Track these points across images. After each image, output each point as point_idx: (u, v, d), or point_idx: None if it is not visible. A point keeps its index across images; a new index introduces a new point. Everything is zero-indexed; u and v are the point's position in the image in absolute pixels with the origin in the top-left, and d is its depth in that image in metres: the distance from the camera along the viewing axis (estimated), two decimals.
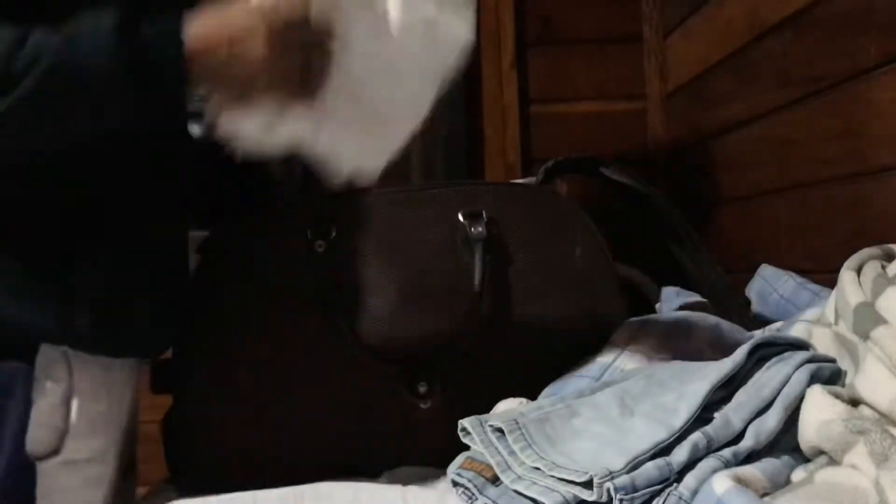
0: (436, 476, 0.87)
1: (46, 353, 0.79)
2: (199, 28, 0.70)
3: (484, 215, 0.95)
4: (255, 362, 0.90)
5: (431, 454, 0.89)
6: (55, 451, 0.80)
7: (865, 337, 0.61)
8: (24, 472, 0.79)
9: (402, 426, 0.90)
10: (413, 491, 0.81)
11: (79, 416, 0.81)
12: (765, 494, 0.56)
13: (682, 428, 0.63)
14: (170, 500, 0.89)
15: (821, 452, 0.60)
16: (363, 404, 0.90)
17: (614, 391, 0.73)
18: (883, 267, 0.67)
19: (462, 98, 1.68)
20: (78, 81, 0.69)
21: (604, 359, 0.90)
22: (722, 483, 0.51)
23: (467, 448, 0.73)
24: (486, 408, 0.89)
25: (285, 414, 0.89)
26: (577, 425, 0.69)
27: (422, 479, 0.87)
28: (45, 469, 0.80)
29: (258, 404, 0.89)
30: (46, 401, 0.79)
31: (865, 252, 0.69)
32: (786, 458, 0.61)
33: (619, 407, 0.69)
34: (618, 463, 0.60)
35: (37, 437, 0.79)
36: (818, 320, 0.73)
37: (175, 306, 0.90)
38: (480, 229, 0.94)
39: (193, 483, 0.89)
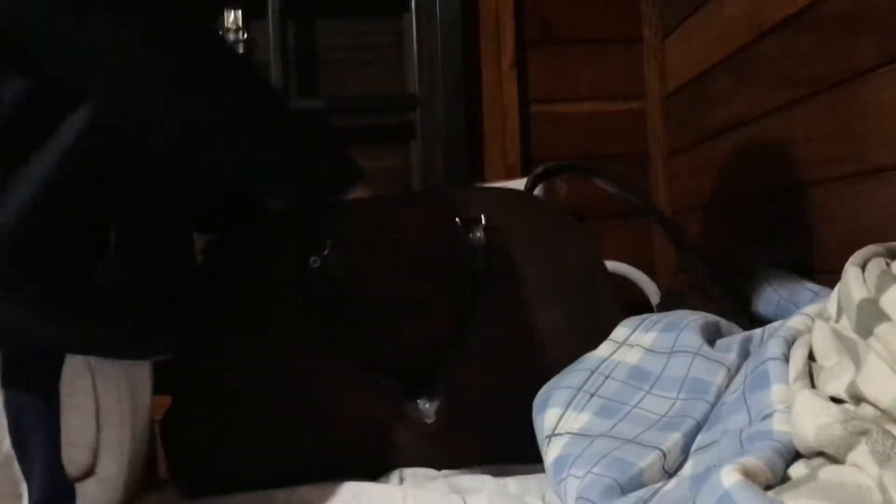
0: (436, 477, 0.87)
1: (72, 365, 0.75)
2: None
3: (482, 220, 0.95)
4: (255, 372, 0.90)
5: (432, 460, 0.89)
6: (90, 472, 0.76)
7: (868, 333, 0.61)
8: (62, 495, 0.74)
9: (403, 434, 0.90)
10: (413, 491, 0.81)
11: (107, 430, 0.77)
12: (768, 487, 0.56)
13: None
14: (170, 502, 0.89)
15: (820, 453, 0.60)
16: (363, 414, 0.90)
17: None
18: (887, 264, 0.67)
19: (462, 98, 1.68)
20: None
21: (601, 353, 0.90)
22: (730, 476, 0.51)
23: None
24: (487, 413, 0.89)
25: (284, 423, 0.89)
26: None
27: (422, 480, 0.87)
28: (83, 490, 0.76)
29: (257, 413, 0.89)
30: (77, 418, 0.75)
31: (870, 249, 0.69)
32: (778, 446, 0.61)
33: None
34: None
35: (73, 457, 0.75)
36: (819, 315, 0.73)
37: (185, 310, 0.87)
38: (479, 234, 0.94)
39: (193, 485, 0.89)
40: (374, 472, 0.89)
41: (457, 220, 0.95)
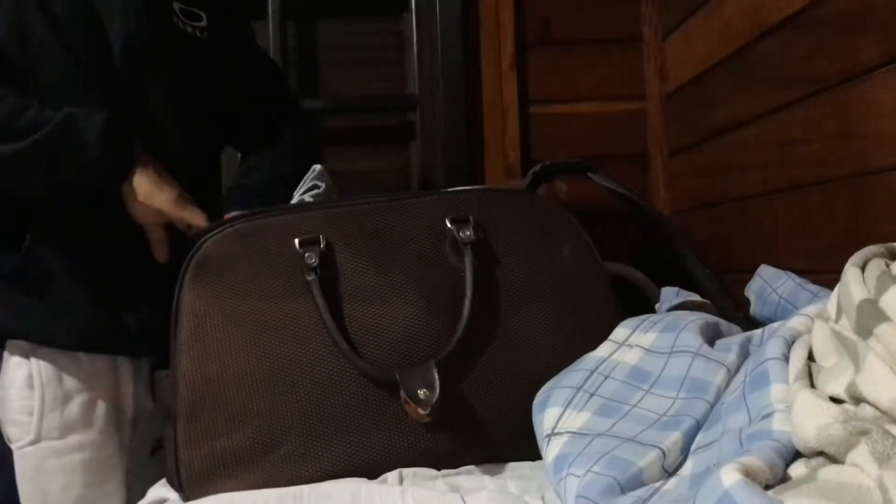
0: (435, 476, 0.88)
1: (11, 342, 0.90)
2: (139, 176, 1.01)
3: (471, 219, 0.96)
4: (250, 372, 0.89)
5: (430, 457, 0.89)
6: (27, 433, 0.90)
7: (868, 334, 0.61)
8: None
9: (401, 431, 0.90)
10: (413, 491, 0.81)
11: (43, 398, 0.90)
12: (768, 487, 0.56)
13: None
14: (168, 502, 0.89)
15: (820, 453, 0.60)
16: (362, 412, 0.90)
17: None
18: (887, 265, 0.67)
19: (462, 98, 1.68)
20: (67, 148, 0.95)
21: (600, 353, 0.90)
22: (730, 475, 0.51)
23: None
24: (484, 409, 0.89)
25: (283, 422, 0.89)
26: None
27: (422, 480, 0.87)
28: (20, 452, 0.90)
29: (254, 413, 0.89)
30: (12, 384, 0.90)
31: (870, 249, 0.69)
32: (777, 446, 0.61)
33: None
34: None
35: (7, 420, 0.89)
36: (819, 315, 0.73)
37: (136, 314, 0.97)
38: (468, 233, 0.95)
39: (192, 486, 0.89)
40: (369, 466, 0.89)
41: (446, 220, 0.96)
